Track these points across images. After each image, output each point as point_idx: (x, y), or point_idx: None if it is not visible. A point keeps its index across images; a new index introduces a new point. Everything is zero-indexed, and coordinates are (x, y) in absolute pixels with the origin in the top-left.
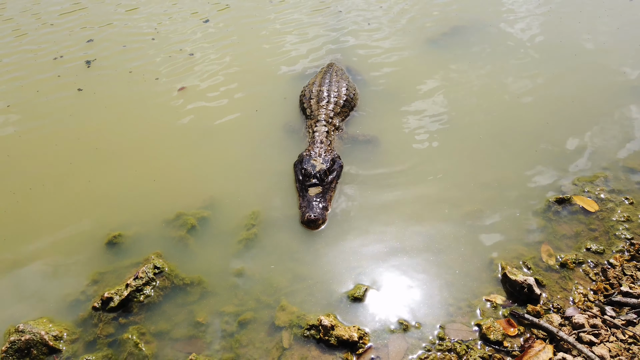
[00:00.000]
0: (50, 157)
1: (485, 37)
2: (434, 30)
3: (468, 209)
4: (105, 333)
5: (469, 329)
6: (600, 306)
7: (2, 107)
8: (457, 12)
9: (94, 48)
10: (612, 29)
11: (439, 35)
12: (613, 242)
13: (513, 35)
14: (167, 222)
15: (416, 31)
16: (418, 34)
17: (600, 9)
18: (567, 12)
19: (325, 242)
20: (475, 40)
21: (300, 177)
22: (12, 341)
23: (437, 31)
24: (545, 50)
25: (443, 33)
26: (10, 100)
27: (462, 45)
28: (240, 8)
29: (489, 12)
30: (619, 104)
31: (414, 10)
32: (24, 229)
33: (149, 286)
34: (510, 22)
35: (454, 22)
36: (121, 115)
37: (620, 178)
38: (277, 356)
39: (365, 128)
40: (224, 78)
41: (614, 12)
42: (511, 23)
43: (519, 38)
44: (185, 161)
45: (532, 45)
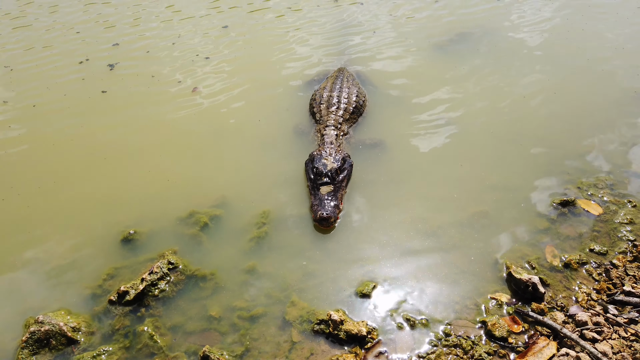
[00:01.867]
0: (73, 156)
1: (492, 44)
2: (440, 37)
3: (474, 210)
4: (121, 325)
5: (474, 326)
6: (603, 305)
7: (29, 108)
8: (462, 19)
9: (118, 51)
10: (620, 37)
11: (445, 42)
12: (616, 243)
13: (521, 41)
14: (180, 220)
15: (423, 38)
16: (425, 41)
17: (611, 17)
18: (577, 19)
19: (334, 241)
20: (482, 46)
21: (312, 176)
22: (32, 331)
23: (444, 38)
24: (554, 56)
25: (450, 40)
26: (37, 100)
27: (470, 51)
28: (259, 17)
29: (495, 19)
30: (623, 110)
31: (421, 18)
32: (45, 224)
33: (163, 281)
34: (517, 29)
35: (460, 29)
36: (140, 116)
37: (624, 182)
38: (287, 349)
39: (373, 132)
40: (238, 82)
41: (623, 20)
42: (518, 30)
43: (528, 45)
44: (198, 161)
45: (540, 52)
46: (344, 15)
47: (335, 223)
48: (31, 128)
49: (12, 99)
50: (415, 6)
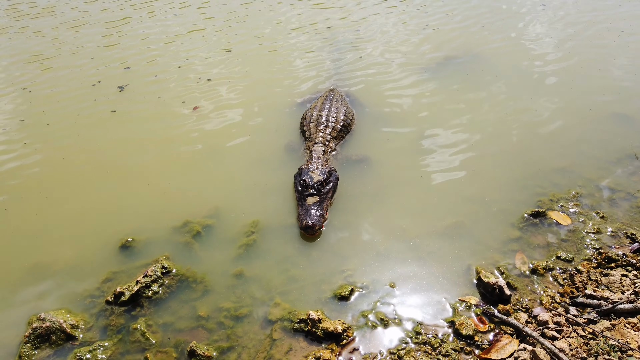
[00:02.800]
0: (80, 170)
1: (477, 68)
2: (434, 58)
3: (451, 221)
4: (116, 323)
5: (444, 326)
6: (565, 306)
7: (44, 126)
8: (461, 42)
9: (129, 74)
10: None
11: (432, 66)
12: (582, 251)
13: (510, 66)
14: (175, 229)
15: (418, 59)
16: (420, 63)
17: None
18: (567, 46)
19: (317, 248)
20: (467, 69)
21: (300, 188)
22: (34, 327)
23: (431, 63)
24: (535, 78)
25: (436, 64)
26: (51, 119)
27: (455, 73)
28: (263, 40)
29: (496, 42)
30: (600, 129)
31: (411, 43)
32: (51, 231)
33: (156, 283)
34: (503, 54)
35: (447, 54)
36: (144, 133)
37: (594, 195)
38: (268, 346)
39: (360, 149)
40: (235, 102)
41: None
42: (504, 54)
43: (519, 69)
44: (193, 175)
45: (514, 76)
46: (339, 39)
47: (319, 231)
48: (44, 144)
49: (29, 118)
50: (407, 31)
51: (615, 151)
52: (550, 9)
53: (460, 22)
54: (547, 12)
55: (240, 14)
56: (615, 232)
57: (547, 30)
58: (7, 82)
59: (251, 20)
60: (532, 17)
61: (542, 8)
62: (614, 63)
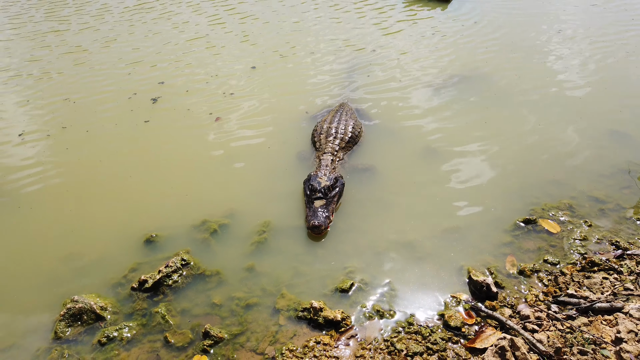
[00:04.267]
0: (114, 172)
1: (490, 86)
2: (444, 78)
3: (448, 225)
4: (140, 307)
5: (434, 318)
6: (548, 304)
7: (83, 132)
8: (461, 65)
9: (162, 88)
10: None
11: (440, 85)
12: (568, 256)
13: (515, 86)
14: (194, 227)
15: (425, 78)
16: (432, 82)
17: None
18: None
19: (323, 247)
20: (480, 88)
21: (308, 192)
22: (69, 308)
23: (439, 82)
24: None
25: (444, 82)
26: (90, 127)
27: (467, 91)
28: (285, 59)
29: (503, 62)
30: (597, 145)
31: (434, 61)
32: (84, 225)
33: (176, 274)
34: (506, 76)
35: (458, 73)
36: (172, 141)
37: (584, 205)
38: (274, 331)
39: (366, 159)
40: (255, 115)
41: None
42: (509, 74)
43: (524, 89)
44: (213, 180)
45: (534, 96)
46: (355, 57)
47: (325, 231)
48: (83, 149)
49: (70, 126)
50: (423, 52)
51: (610, 166)
52: (558, 34)
53: (476, 47)
54: (558, 36)
55: (267, 35)
56: (601, 240)
57: (550, 53)
58: (51, 92)
59: (277, 40)
60: (541, 41)
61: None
62: (614, 81)
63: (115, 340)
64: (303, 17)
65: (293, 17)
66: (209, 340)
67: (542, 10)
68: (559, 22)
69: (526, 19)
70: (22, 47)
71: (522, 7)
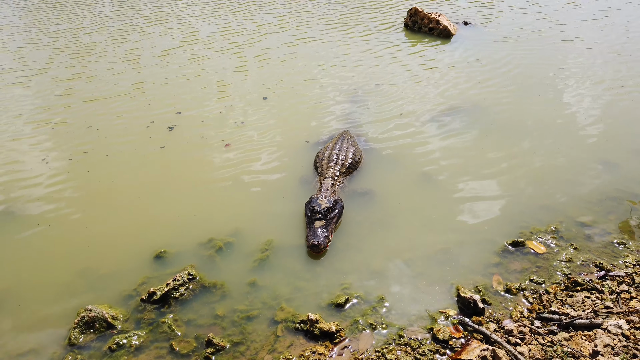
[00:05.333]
0: (127, 193)
1: (486, 116)
2: (438, 110)
3: (440, 247)
4: (148, 317)
5: (423, 331)
6: (531, 320)
7: (103, 157)
8: (459, 96)
9: (180, 117)
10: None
11: (439, 115)
12: (553, 276)
13: (509, 116)
14: (201, 244)
15: (425, 110)
16: (426, 113)
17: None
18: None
19: (321, 265)
20: (476, 117)
21: (309, 213)
22: (82, 316)
23: (439, 112)
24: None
25: (443, 113)
26: (110, 152)
27: (464, 121)
28: (295, 91)
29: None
30: (585, 174)
31: (436, 94)
32: (99, 242)
33: (183, 287)
34: (505, 109)
35: (458, 104)
36: (185, 166)
37: (571, 230)
38: (273, 341)
39: (365, 183)
40: (261, 142)
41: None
42: (497, 105)
43: (518, 119)
44: (220, 200)
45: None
46: (360, 89)
47: (324, 250)
48: (102, 172)
49: (91, 151)
50: (426, 86)
51: (598, 193)
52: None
53: (476, 81)
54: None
55: (282, 69)
56: (586, 262)
57: (548, 87)
58: (76, 121)
59: (290, 73)
60: (530, 69)
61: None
62: (610, 113)
63: (125, 347)
64: (315, 53)
65: (306, 53)
66: (212, 348)
67: (544, 48)
68: (560, 60)
69: (527, 55)
70: (55, 78)
71: (523, 44)
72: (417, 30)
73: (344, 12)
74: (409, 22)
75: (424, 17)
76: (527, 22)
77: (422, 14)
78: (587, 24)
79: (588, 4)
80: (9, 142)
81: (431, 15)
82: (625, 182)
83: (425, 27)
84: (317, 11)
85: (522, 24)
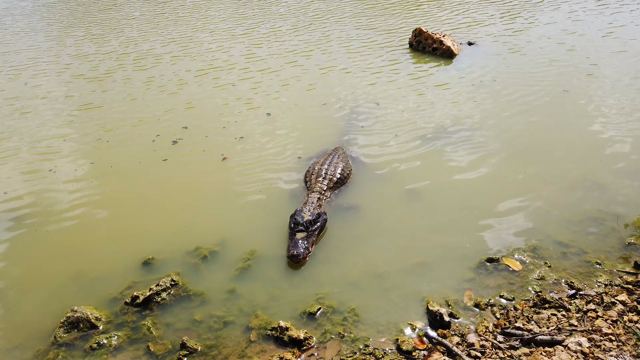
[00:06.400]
0: (124, 202)
1: (476, 138)
2: (433, 129)
3: (417, 260)
4: (130, 320)
5: (389, 342)
6: (495, 335)
7: (107, 168)
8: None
9: (185, 133)
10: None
11: (435, 134)
12: (524, 293)
13: (505, 140)
14: (187, 252)
15: (420, 129)
16: (421, 132)
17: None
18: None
19: (299, 275)
20: (466, 139)
21: (292, 225)
22: (68, 316)
23: (437, 130)
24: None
25: (438, 133)
26: (114, 163)
27: (455, 141)
28: (298, 108)
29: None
30: (569, 194)
31: (432, 114)
32: (91, 248)
33: (165, 292)
34: (488, 128)
35: (448, 124)
36: (182, 177)
37: (548, 248)
38: (244, 346)
39: (352, 198)
40: (256, 156)
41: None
42: (489, 129)
43: (507, 136)
44: (210, 211)
45: (509, 143)
46: (359, 107)
47: (303, 261)
48: (104, 182)
49: (97, 162)
50: (420, 104)
51: (580, 213)
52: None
53: (474, 101)
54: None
55: (289, 88)
56: (558, 280)
57: (545, 108)
58: (86, 133)
59: (296, 91)
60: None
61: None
62: (605, 137)
63: (105, 347)
64: (319, 71)
65: (315, 72)
66: (185, 350)
67: (547, 69)
68: (561, 83)
69: (528, 76)
70: (79, 93)
71: (525, 66)
72: (422, 50)
73: (348, 31)
74: (413, 41)
75: (428, 37)
76: (532, 43)
77: (426, 34)
78: (593, 45)
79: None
80: (26, 154)
81: (435, 36)
82: (608, 202)
83: (429, 47)
84: (318, 28)
85: (529, 45)
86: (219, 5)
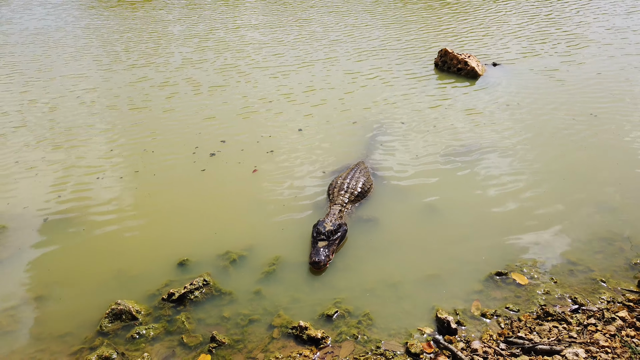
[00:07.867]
0: (161, 209)
1: (496, 158)
2: (454, 149)
3: (430, 273)
4: (166, 314)
5: (399, 345)
6: (498, 342)
7: (151, 177)
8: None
9: (223, 146)
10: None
11: (456, 153)
12: (529, 306)
13: (525, 161)
14: (218, 256)
15: (442, 147)
16: (443, 150)
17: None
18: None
19: (320, 281)
20: (486, 160)
21: (314, 234)
22: (112, 308)
23: (457, 150)
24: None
25: (453, 153)
26: (157, 172)
27: (475, 161)
28: (330, 123)
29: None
30: (580, 214)
31: (449, 132)
32: (131, 250)
33: (197, 290)
34: (508, 148)
35: (464, 144)
36: (217, 187)
37: (555, 265)
38: (267, 342)
39: (372, 211)
40: (286, 169)
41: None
42: (509, 149)
43: (533, 164)
44: (241, 219)
45: (527, 164)
46: (384, 125)
47: (324, 267)
48: (147, 189)
49: (142, 171)
50: (442, 124)
51: (590, 233)
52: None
53: (498, 123)
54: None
55: (323, 105)
56: (563, 295)
57: (567, 132)
58: (132, 144)
59: (329, 109)
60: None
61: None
62: (615, 159)
63: (144, 337)
64: (350, 88)
65: (344, 89)
66: (214, 343)
67: (570, 91)
68: (581, 105)
69: (551, 97)
70: (123, 110)
71: (549, 88)
72: (447, 70)
73: (376, 49)
74: (439, 62)
75: (453, 57)
76: (557, 65)
77: (452, 55)
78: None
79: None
80: (77, 160)
81: (460, 56)
82: (620, 224)
83: (454, 68)
84: (346, 45)
85: (553, 66)
86: (253, 32)
